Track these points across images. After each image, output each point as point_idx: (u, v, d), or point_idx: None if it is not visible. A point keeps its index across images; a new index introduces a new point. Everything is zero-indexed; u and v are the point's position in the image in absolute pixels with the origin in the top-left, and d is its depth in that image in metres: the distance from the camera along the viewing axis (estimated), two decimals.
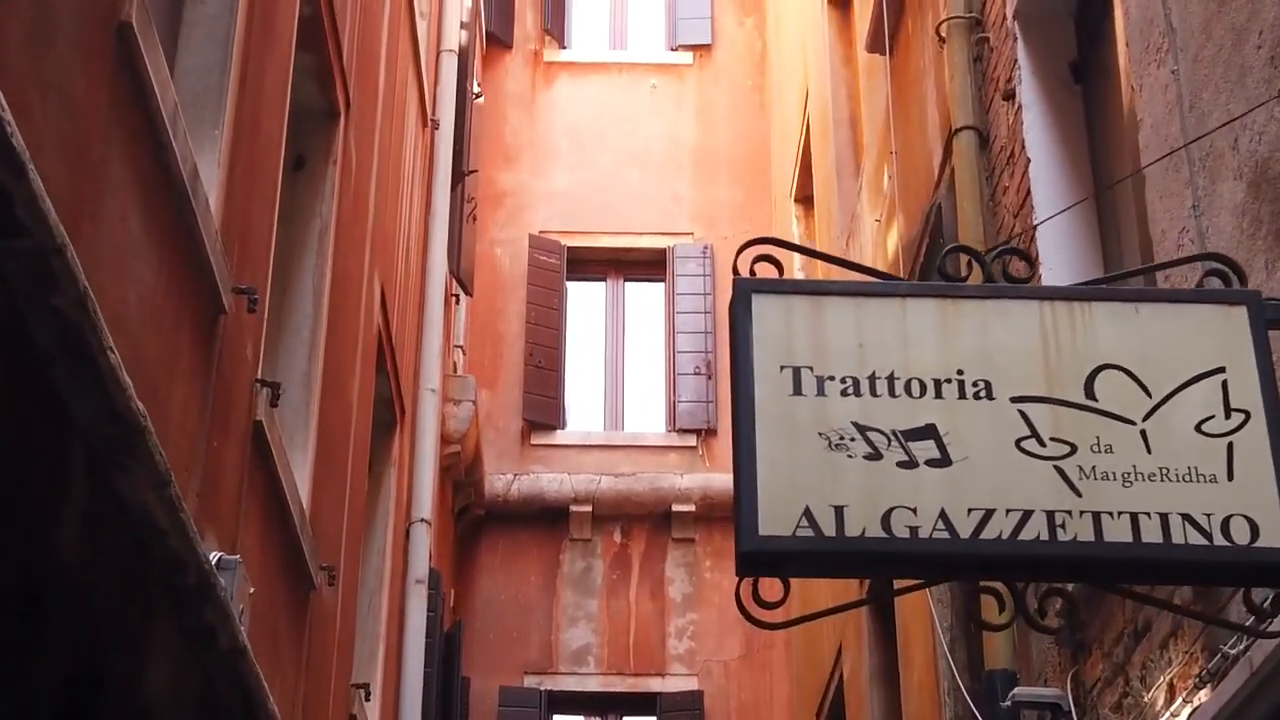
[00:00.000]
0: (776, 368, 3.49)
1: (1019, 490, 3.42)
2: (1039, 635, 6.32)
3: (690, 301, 15.61)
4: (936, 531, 3.37)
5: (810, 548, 3.35)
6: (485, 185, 15.48)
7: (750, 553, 3.35)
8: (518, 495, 14.76)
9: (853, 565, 3.57)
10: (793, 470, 3.39)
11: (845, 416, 3.45)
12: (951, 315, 3.58)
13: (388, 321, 9.56)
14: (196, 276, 4.98)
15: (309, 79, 7.53)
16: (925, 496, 3.39)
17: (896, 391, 3.50)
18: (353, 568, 8.47)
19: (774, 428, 3.41)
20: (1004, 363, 3.55)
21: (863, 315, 3.54)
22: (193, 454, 4.99)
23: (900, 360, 3.52)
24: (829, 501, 3.36)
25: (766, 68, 16.58)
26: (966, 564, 3.45)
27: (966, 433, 3.48)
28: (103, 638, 4.22)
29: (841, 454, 3.42)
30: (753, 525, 3.33)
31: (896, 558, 3.40)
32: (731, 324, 3.56)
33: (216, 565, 5.00)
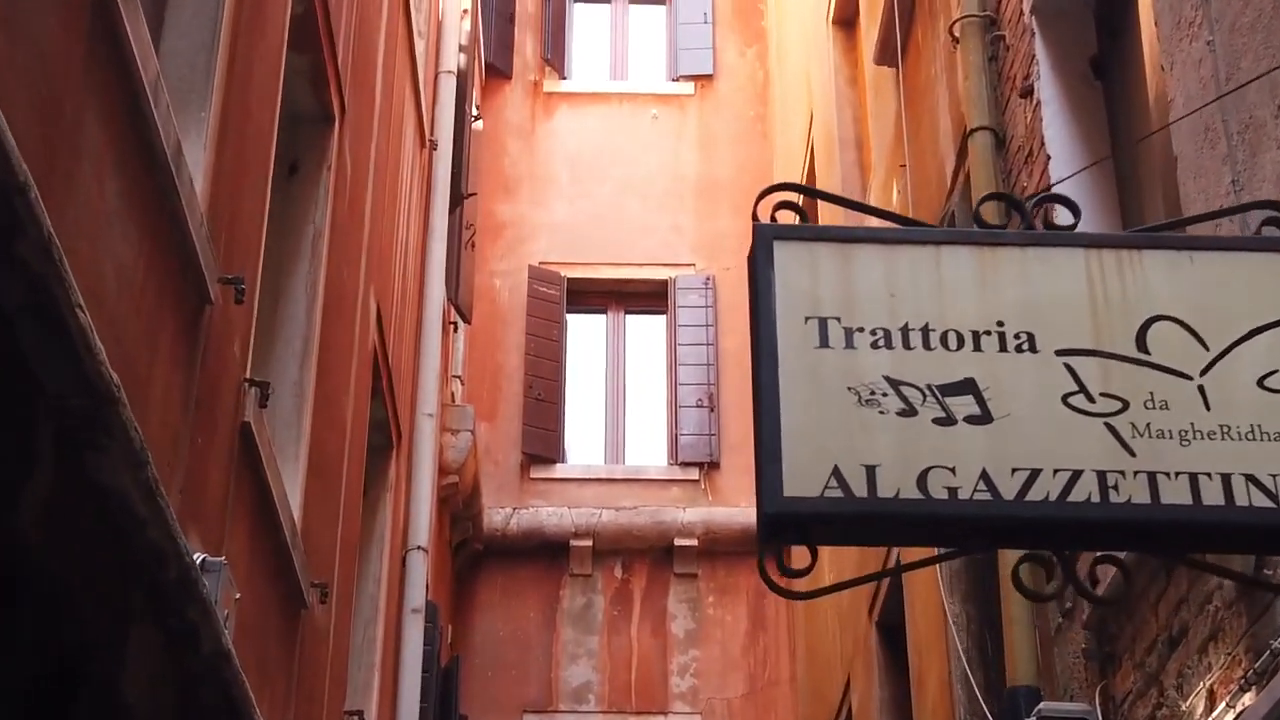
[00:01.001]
0: (800, 318, 3.24)
1: (1067, 449, 3.15)
2: (1064, 648, 6.04)
3: (692, 333, 15.35)
4: (978, 492, 3.10)
5: (840, 509, 3.08)
6: (484, 216, 15.24)
7: (775, 515, 3.08)
8: (517, 529, 14.46)
9: (886, 529, 3.29)
10: (820, 427, 3.13)
11: (876, 370, 3.20)
12: (990, 264, 3.32)
13: (384, 341, 9.30)
14: (180, 261, 4.73)
15: (303, 80, 7.30)
16: (965, 455, 3.13)
17: (931, 344, 3.24)
18: (347, 589, 8.18)
19: (799, 382, 3.15)
20: (1048, 314, 3.29)
21: (894, 263, 3.29)
22: (175, 449, 4.72)
23: (935, 311, 3.26)
24: (860, 460, 3.09)
25: (769, 98, 16.37)
26: (1011, 527, 3.17)
27: (1008, 388, 3.21)
28: (76, 635, 3.95)
29: (872, 410, 3.16)
30: (777, 486, 3.06)
31: (934, 520, 3.13)
32: (751, 272, 3.31)
33: (201, 567, 4.73)
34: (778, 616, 14.42)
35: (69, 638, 3.88)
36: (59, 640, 3.87)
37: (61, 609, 3.79)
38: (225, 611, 4.90)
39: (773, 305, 3.22)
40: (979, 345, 3.25)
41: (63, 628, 3.84)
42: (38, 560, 3.58)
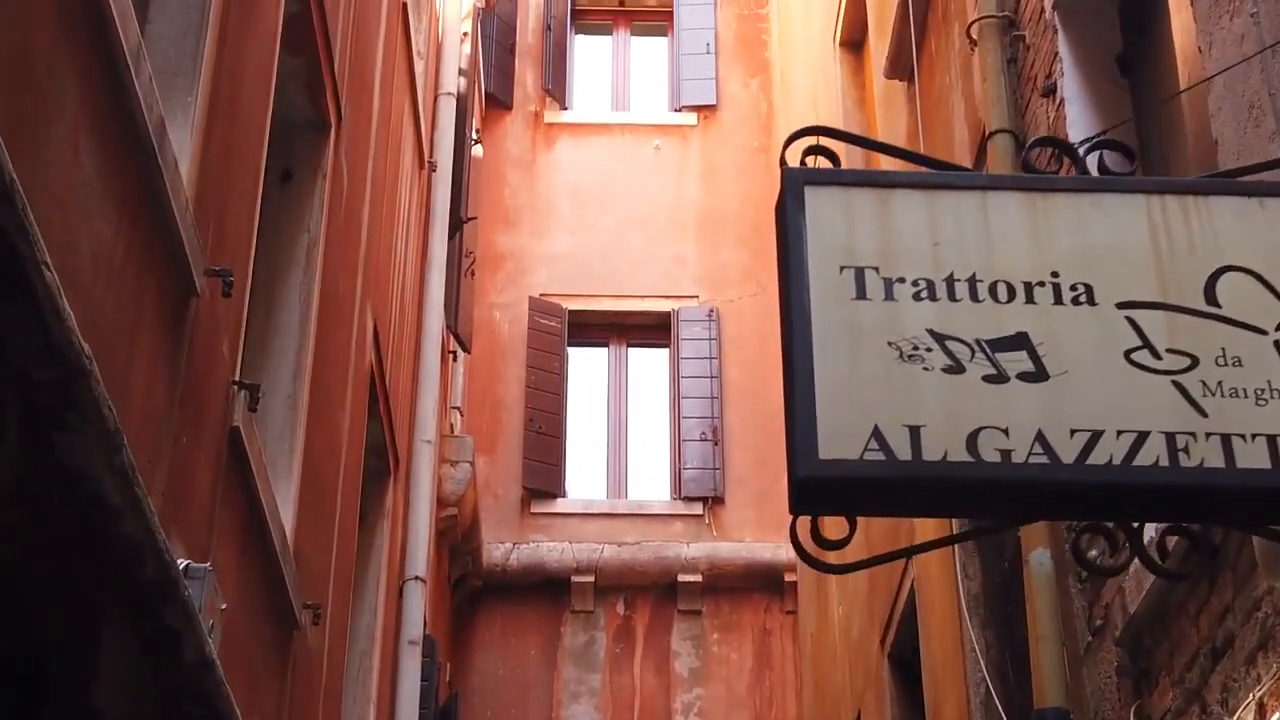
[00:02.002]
0: (835, 268, 2.96)
1: (1132, 409, 2.87)
2: (1094, 668, 5.74)
3: (696, 366, 15.08)
4: (1033, 455, 2.82)
5: (881, 473, 2.79)
6: (484, 247, 15.00)
7: (808, 479, 2.79)
8: (517, 565, 14.14)
9: (932, 495, 2.99)
10: (858, 384, 2.84)
11: (919, 323, 2.92)
12: (1042, 211, 3.05)
13: (381, 362, 9.03)
14: (164, 248, 4.46)
15: (297, 85, 7.06)
16: (1018, 415, 2.85)
17: (979, 296, 2.96)
18: (341, 617, 7.88)
19: (834, 336, 2.87)
20: (1107, 264, 3.02)
21: (937, 210, 3.01)
22: (157, 447, 4.44)
23: (983, 261, 2.99)
24: (902, 420, 2.81)
25: (773, 128, 16.14)
26: (1071, 493, 2.89)
27: (1065, 343, 2.94)
28: (44, 634, 3.66)
29: (916, 366, 2.88)
30: (811, 447, 2.77)
31: (985, 485, 2.85)
32: (779, 220, 3.03)
33: (184, 573, 4.44)
34: (784, 654, 14.10)
35: (36, 636, 3.59)
36: (24, 641, 3.58)
37: (29, 604, 3.51)
38: (210, 621, 4.62)
39: (804, 255, 2.94)
40: (1032, 297, 2.97)
41: (30, 625, 3.55)
42: (3, 551, 3.30)
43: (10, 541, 3.32)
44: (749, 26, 16.92)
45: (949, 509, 3.04)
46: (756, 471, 14.64)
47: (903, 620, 9.24)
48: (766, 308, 15.28)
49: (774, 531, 14.33)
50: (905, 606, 9.13)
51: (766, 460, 14.64)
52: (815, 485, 2.81)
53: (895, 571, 9.40)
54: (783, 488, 14.48)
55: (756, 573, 14.20)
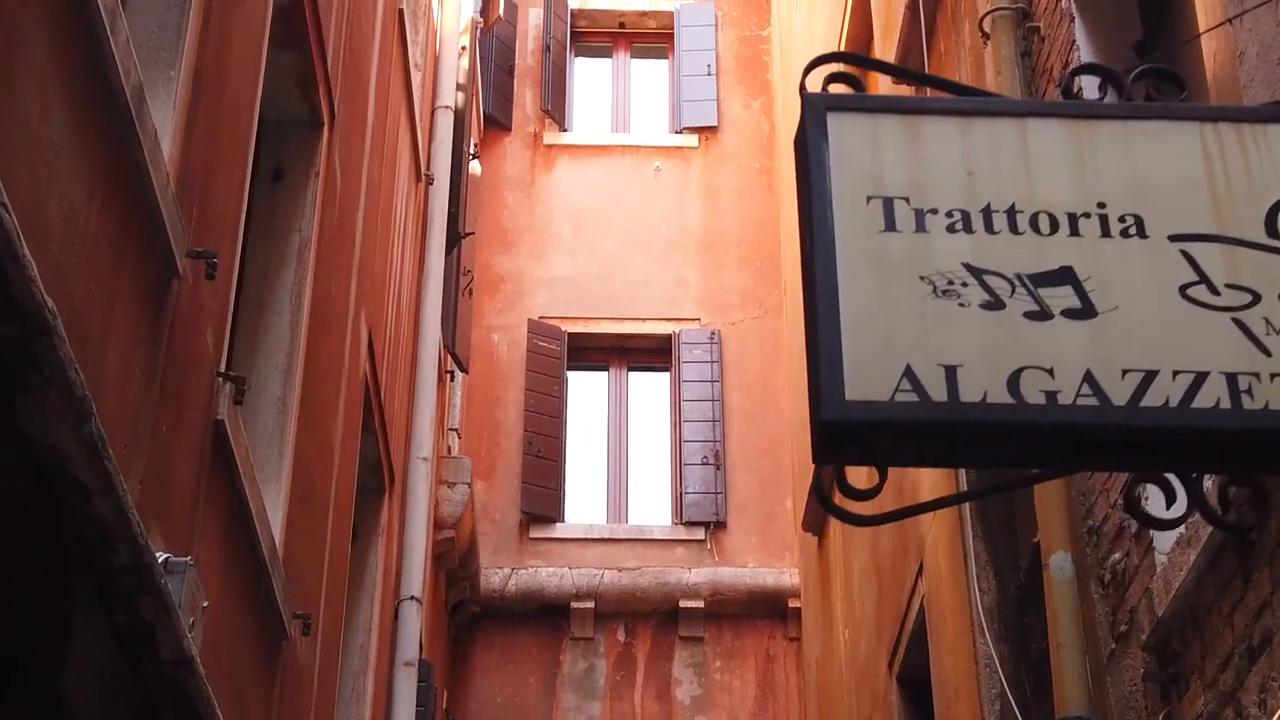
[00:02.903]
0: (862, 199, 2.73)
1: (1188, 348, 2.63)
2: (1119, 675, 5.48)
3: (697, 389, 14.83)
4: (1082, 397, 2.58)
5: (914, 416, 2.55)
6: (482, 270, 14.79)
7: (834, 423, 2.54)
8: (515, 591, 13.87)
9: (971, 440, 2.74)
10: (888, 321, 2.61)
11: (954, 257, 2.68)
12: (1086, 139, 2.82)
13: (376, 374, 8.79)
14: (143, 224, 4.23)
15: (289, 81, 6.85)
16: (1064, 354, 2.61)
17: (1019, 228, 2.73)
18: (334, 633, 7.62)
19: (861, 269, 2.64)
20: (1158, 195, 2.78)
21: (971, 138, 2.78)
22: (135, 432, 4.21)
23: (1023, 191, 2.75)
24: (938, 360, 2.58)
25: (775, 150, 15.93)
26: (1124, 437, 2.65)
27: (1114, 278, 2.70)
28: (8, 625, 3.42)
29: (951, 302, 2.65)
30: (836, 388, 2.53)
31: (1030, 429, 2.61)
32: (799, 148, 2.79)
33: (163, 566, 4.20)
34: (787, 682, 13.82)
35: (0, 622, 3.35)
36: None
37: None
38: (191, 619, 4.37)
39: (827, 184, 2.70)
40: (1076, 229, 2.74)
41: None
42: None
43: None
44: (750, 48, 16.74)
45: (988, 457, 2.80)
46: (759, 496, 14.40)
47: (912, 639, 8.98)
48: (769, 330, 15.07)
49: (777, 556, 14.09)
50: (915, 625, 8.87)
51: (769, 484, 14.40)
52: (842, 430, 2.57)
53: (903, 589, 9.15)
54: (786, 511, 14.31)
55: (759, 599, 13.93)
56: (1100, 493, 5.69)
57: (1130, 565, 5.40)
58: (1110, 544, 5.57)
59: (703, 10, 16.78)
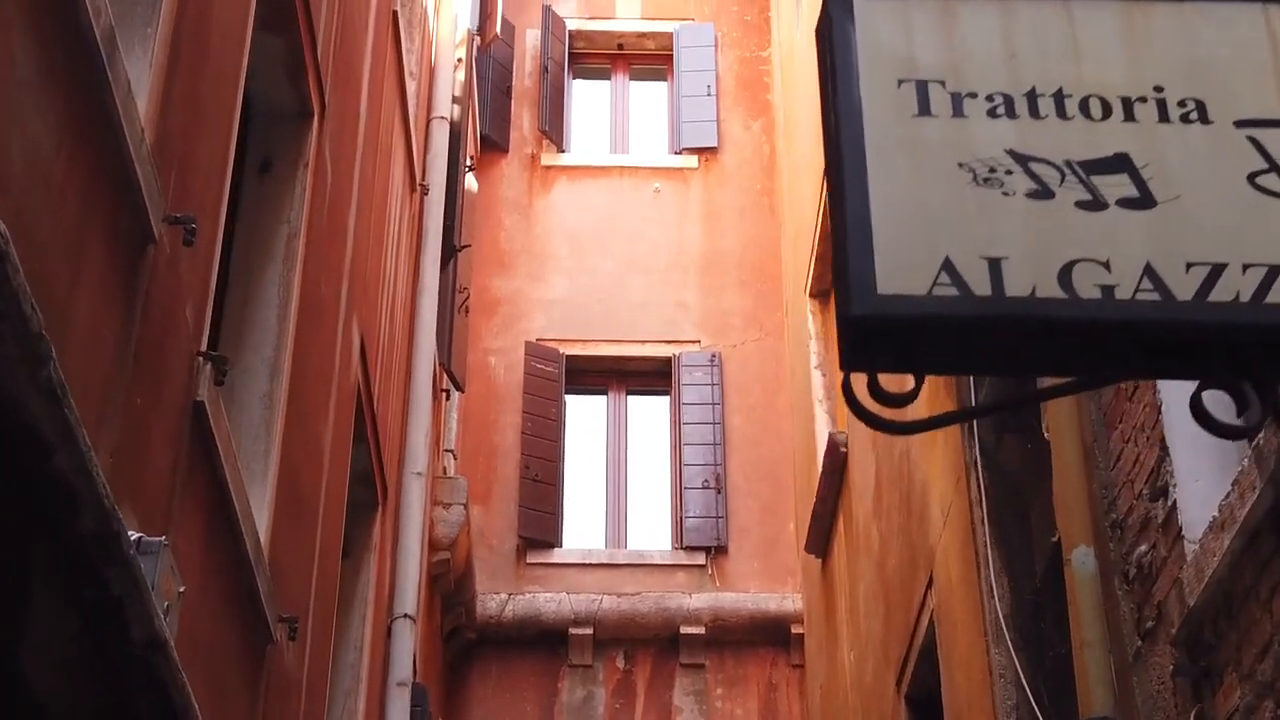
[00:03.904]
0: (893, 82, 2.48)
1: (1259, 239, 2.38)
2: (1145, 674, 5.21)
3: (698, 412, 14.57)
4: (1141, 291, 2.33)
5: (955, 310, 2.30)
6: (479, 292, 14.55)
7: (865, 318, 2.28)
8: (512, 617, 13.57)
9: (1017, 338, 2.47)
10: (923, 211, 2.36)
11: (996, 143, 2.43)
12: (1139, 19, 2.57)
13: (369, 382, 8.53)
14: (116, 180, 3.98)
15: (277, 68, 6.62)
16: (1121, 246, 2.36)
17: (1068, 112, 2.48)
18: (323, 641, 7.34)
19: (893, 156, 2.39)
20: (1221, 78, 2.54)
21: (1012, 19, 2.52)
22: (106, 400, 3.95)
23: (1070, 73, 2.51)
24: (980, 252, 2.32)
25: (776, 171, 15.72)
26: (1189, 335, 2.39)
27: (1175, 165, 2.45)
28: None
29: (994, 190, 2.40)
30: (867, 282, 2.28)
31: (1084, 326, 2.35)
32: (823, 29, 2.54)
33: (136, 545, 3.94)
34: (790, 710, 13.51)
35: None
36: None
37: None
38: (165, 602, 4.11)
39: (854, 66, 2.45)
40: (1131, 114, 2.49)
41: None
42: None
43: None
44: (750, 69, 16.54)
45: (1036, 358, 2.51)
46: (761, 520, 14.13)
47: (921, 656, 8.70)
48: (771, 353, 14.82)
49: (779, 582, 13.80)
50: (924, 640, 8.59)
51: (771, 508, 14.14)
52: (873, 327, 2.30)
53: (912, 605, 8.88)
54: (788, 536, 14.03)
55: (762, 625, 13.63)
56: (1124, 484, 5.43)
57: (1157, 557, 5.14)
58: (1135, 537, 5.31)
59: (702, 31, 16.59)
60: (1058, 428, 5.78)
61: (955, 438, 7.77)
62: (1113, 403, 5.53)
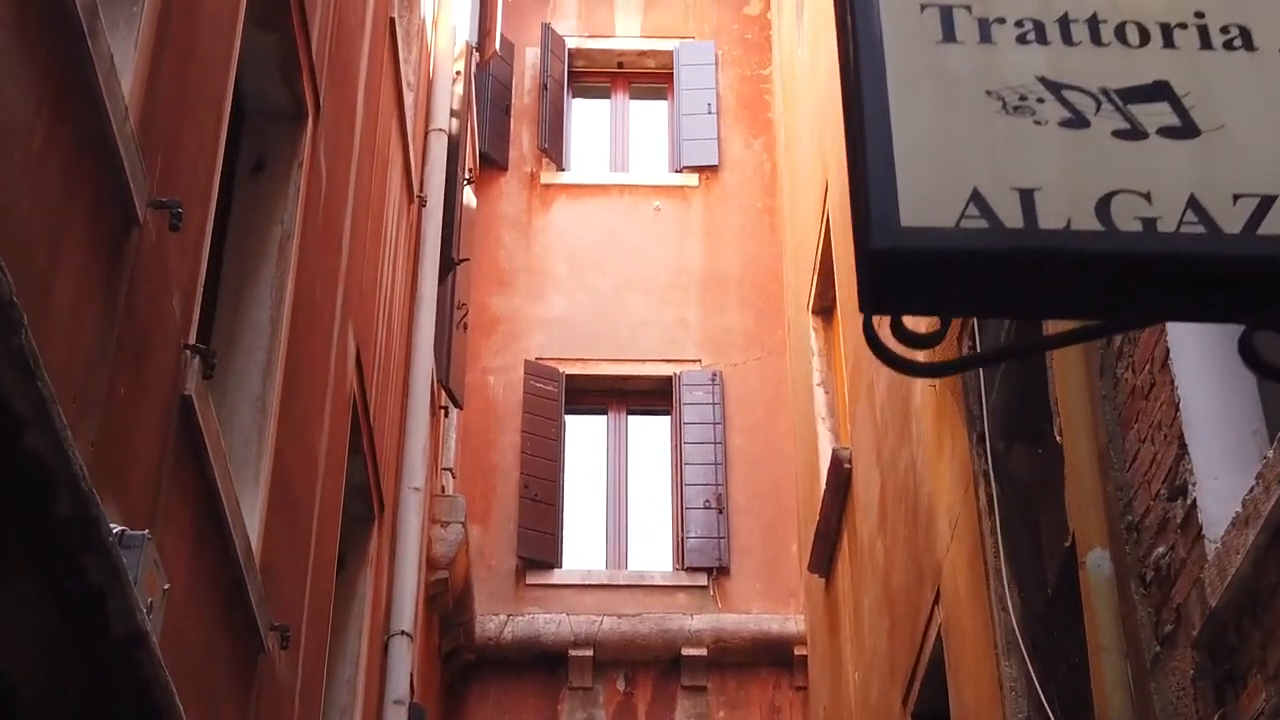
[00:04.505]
0: (915, 7, 2.33)
1: None
2: (1164, 680, 5.04)
3: (699, 431, 14.40)
4: (1186, 224, 2.18)
5: (986, 243, 2.14)
6: (478, 311, 14.40)
7: (887, 253, 2.12)
8: (511, 638, 13.38)
9: (1051, 274, 2.31)
10: (949, 141, 2.20)
11: (1027, 70, 2.28)
12: None
13: (365, 393, 8.38)
14: (98, 157, 3.83)
15: (270, 65, 6.48)
16: (1163, 177, 2.21)
17: (1103, 38, 2.33)
18: (317, 654, 7.17)
19: (915, 84, 2.23)
20: (1265, 2, 2.39)
21: None
22: (86, 386, 3.79)
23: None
24: (1011, 183, 2.17)
25: (777, 189, 15.60)
26: (1238, 269, 2.23)
27: (1218, 94, 2.30)
28: None
29: (1024, 119, 2.25)
30: (890, 214, 2.12)
31: (1124, 260, 2.20)
32: None
33: (119, 539, 3.78)
34: None
35: None
36: None
37: None
38: (148, 598, 3.95)
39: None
40: (1171, 40, 2.34)
41: None
42: None
43: None
44: (751, 87, 16.43)
45: (1070, 297, 2.33)
46: (763, 540, 13.95)
47: (928, 672, 8.52)
48: (772, 372, 14.67)
49: (782, 603, 13.63)
50: (931, 656, 8.42)
51: (774, 529, 13.97)
52: (896, 261, 2.14)
53: (918, 621, 8.71)
54: (791, 556, 13.86)
55: (764, 646, 13.44)
56: (1140, 485, 5.27)
57: (1176, 559, 4.97)
58: (1153, 539, 5.15)
59: (702, 49, 16.48)
60: (1071, 429, 5.62)
61: (963, 448, 7.62)
62: (1128, 402, 5.38)
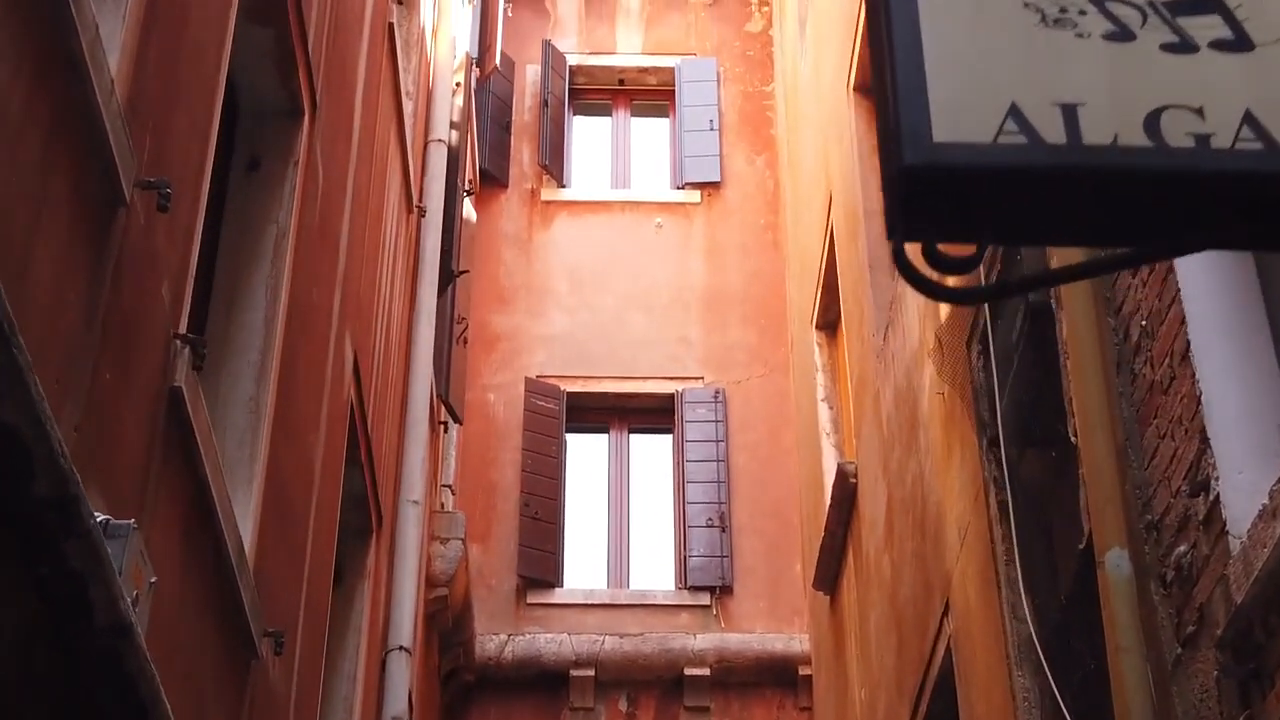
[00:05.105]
0: None
1: None
2: (1187, 683, 4.87)
3: (702, 449, 14.24)
4: (1242, 141, 2.02)
5: (1026, 160, 1.98)
6: (478, 328, 14.25)
7: (919, 170, 1.96)
8: (511, 658, 13.19)
9: (1098, 193, 2.14)
10: (984, 54, 2.04)
11: None
12: None
13: (362, 402, 8.22)
14: (81, 130, 3.69)
15: (266, 62, 6.35)
16: (1216, 92, 2.05)
17: None
18: (313, 665, 7.00)
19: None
20: None
21: None
22: (69, 368, 3.64)
23: None
24: (1052, 97, 2.01)
25: (780, 205, 15.47)
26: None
27: (1272, 5, 2.15)
28: None
29: (1065, 32, 2.10)
30: (921, 128, 1.96)
31: (1176, 178, 2.04)
32: None
33: (103, 529, 3.62)
34: None
35: None
36: None
37: None
38: (134, 591, 3.79)
39: None
40: None
41: None
42: None
43: None
44: (754, 104, 16.31)
45: (1116, 219, 2.15)
46: (767, 559, 13.77)
47: (937, 687, 8.35)
48: (776, 389, 14.52)
49: (786, 622, 13.45)
50: (940, 669, 8.25)
51: (777, 547, 13.80)
52: (929, 180, 1.98)
53: (927, 634, 8.54)
54: (795, 575, 13.68)
55: (768, 666, 13.26)
56: (1160, 482, 5.12)
57: (1198, 557, 4.81)
58: (1173, 537, 4.99)
59: (704, 65, 16.36)
60: (1087, 427, 5.46)
61: (973, 455, 7.47)
62: (1146, 398, 5.23)
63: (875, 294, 10.23)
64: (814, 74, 13.23)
